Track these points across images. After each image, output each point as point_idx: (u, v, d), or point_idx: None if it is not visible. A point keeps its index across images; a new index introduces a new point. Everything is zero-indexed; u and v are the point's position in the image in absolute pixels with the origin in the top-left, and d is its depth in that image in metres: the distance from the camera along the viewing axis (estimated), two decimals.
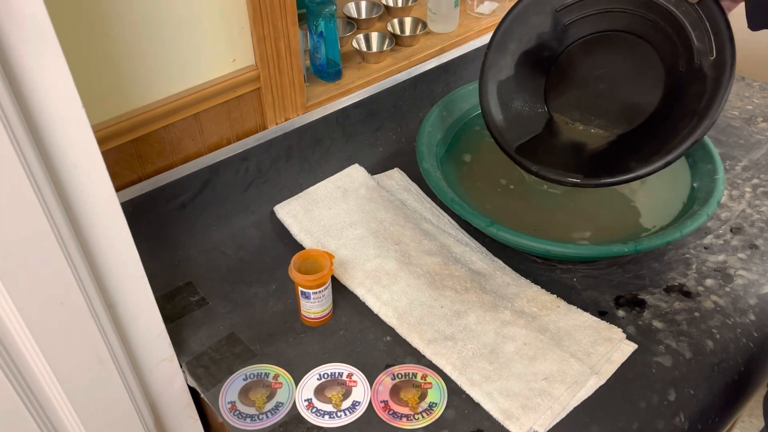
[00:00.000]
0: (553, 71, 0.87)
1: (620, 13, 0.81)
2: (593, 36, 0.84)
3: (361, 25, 1.09)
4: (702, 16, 0.74)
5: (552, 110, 0.88)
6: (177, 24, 0.74)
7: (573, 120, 0.87)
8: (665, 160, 0.75)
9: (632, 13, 0.80)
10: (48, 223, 0.48)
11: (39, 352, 0.53)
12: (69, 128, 0.48)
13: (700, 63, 0.75)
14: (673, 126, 0.77)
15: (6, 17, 0.42)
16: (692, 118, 0.75)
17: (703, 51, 0.75)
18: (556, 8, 0.84)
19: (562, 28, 0.85)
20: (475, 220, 0.77)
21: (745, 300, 0.78)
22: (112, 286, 0.58)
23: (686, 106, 0.76)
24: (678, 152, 0.74)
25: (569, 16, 0.84)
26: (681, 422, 0.66)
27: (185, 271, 0.82)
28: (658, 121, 0.80)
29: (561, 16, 0.84)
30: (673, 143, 0.75)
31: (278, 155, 0.89)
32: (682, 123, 0.76)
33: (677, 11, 0.76)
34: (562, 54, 0.86)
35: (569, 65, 0.86)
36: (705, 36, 0.74)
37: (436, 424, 0.65)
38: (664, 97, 0.80)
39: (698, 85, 0.75)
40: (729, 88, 0.73)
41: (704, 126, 0.73)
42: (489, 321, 0.73)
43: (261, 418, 0.66)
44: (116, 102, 0.75)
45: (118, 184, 0.78)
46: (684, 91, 0.77)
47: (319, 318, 0.74)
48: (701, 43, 0.75)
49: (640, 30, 0.80)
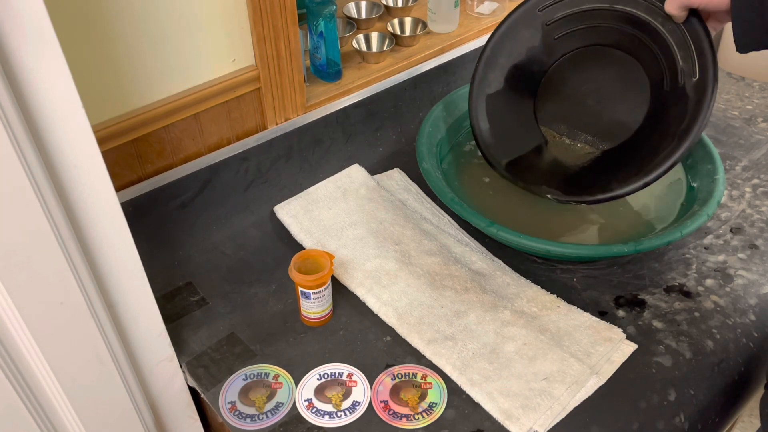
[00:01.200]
0: (542, 85, 0.88)
1: (608, 29, 0.81)
2: (582, 50, 0.84)
3: (361, 25, 1.09)
4: (687, 37, 0.74)
5: (540, 124, 0.88)
6: (177, 24, 0.74)
7: (560, 134, 0.87)
8: (643, 181, 0.75)
9: (620, 29, 0.80)
10: (48, 223, 0.48)
11: (39, 352, 0.53)
12: (69, 128, 0.48)
13: (683, 83, 0.75)
14: (653, 146, 0.77)
15: (6, 17, 0.42)
16: (672, 139, 0.75)
17: (687, 71, 0.75)
18: (546, 22, 0.84)
19: (552, 42, 0.85)
20: (475, 220, 0.77)
21: (745, 300, 0.78)
22: (112, 286, 0.58)
23: (668, 126, 0.77)
24: (656, 174, 0.75)
25: (558, 30, 0.84)
26: (681, 422, 0.66)
27: (185, 271, 0.82)
28: (641, 140, 0.80)
29: (550, 31, 0.85)
30: (652, 164, 0.76)
31: (278, 155, 0.89)
32: (662, 144, 0.76)
33: (663, 29, 0.76)
34: (551, 68, 0.86)
35: (558, 79, 0.87)
36: (689, 56, 0.75)
37: (436, 424, 0.65)
38: (648, 116, 0.80)
39: (680, 106, 0.76)
40: (709, 110, 0.73)
41: (683, 148, 0.74)
42: (489, 321, 0.73)
43: (261, 418, 0.66)
44: (116, 102, 0.75)
45: (118, 184, 0.78)
46: (667, 111, 0.78)
47: (319, 318, 0.74)
48: (685, 64, 0.75)
49: (627, 46, 0.81)
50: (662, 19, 0.76)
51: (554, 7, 0.83)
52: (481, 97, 0.88)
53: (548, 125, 0.88)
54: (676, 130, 0.75)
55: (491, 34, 0.87)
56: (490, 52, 0.87)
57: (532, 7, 0.85)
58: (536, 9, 0.85)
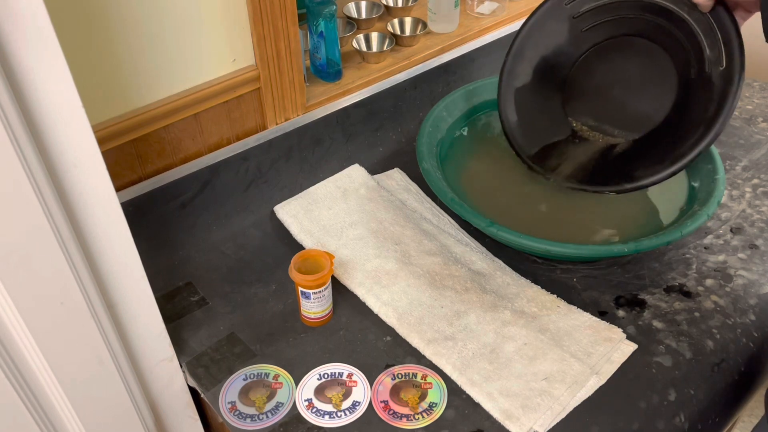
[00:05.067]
0: (569, 77, 0.89)
1: (635, 20, 0.82)
2: (609, 41, 0.85)
3: (361, 25, 1.09)
4: (713, 25, 0.75)
5: (568, 115, 0.89)
6: (177, 24, 0.74)
7: (587, 126, 0.88)
8: (670, 170, 0.77)
9: (646, 19, 0.81)
10: (48, 222, 0.48)
11: (39, 351, 0.53)
12: (69, 128, 0.48)
13: (710, 72, 0.76)
14: (680, 135, 0.78)
15: (6, 17, 0.42)
16: (699, 127, 0.76)
17: (714, 60, 0.75)
18: (573, 15, 0.85)
19: (579, 34, 0.86)
20: (475, 220, 0.77)
21: (745, 300, 0.78)
22: (112, 286, 0.58)
23: (694, 115, 0.77)
24: (683, 162, 0.76)
25: (585, 22, 0.85)
26: (681, 422, 0.66)
27: (185, 271, 0.82)
28: (667, 129, 0.81)
29: (578, 23, 0.85)
30: (679, 153, 0.77)
31: (278, 155, 0.89)
32: (689, 132, 0.77)
33: (690, 18, 0.76)
34: (579, 60, 0.87)
35: (585, 71, 0.88)
36: (716, 45, 0.75)
37: (436, 424, 0.65)
38: (675, 105, 0.80)
39: (707, 94, 0.76)
40: (736, 99, 0.74)
41: (710, 137, 0.75)
42: (489, 321, 0.73)
43: (261, 418, 0.66)
44: (116, 102, 0.75)
45: (118, 184, 0.78)
46: (694, 100, 0.78)
47: (319, 318, 0.74)
48: (712, 52, 0.75)
49: (654, 36, 0.81)
50: (688, 8, 0.76)
51: (581, 0, 0.84)
52: (509, 90, 0.89)
53: (575, 117, 0.89)
54: (702, 117, 0.76)
55: (519, 28, 0.88)
56: (519, 45, 0.88)
57: (559, 0, 0.86)
58: (563, 2, 0.86)
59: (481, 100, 0.98)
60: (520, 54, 0.89)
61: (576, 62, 0.87)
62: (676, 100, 0.80)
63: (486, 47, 1.10)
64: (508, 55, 0.89)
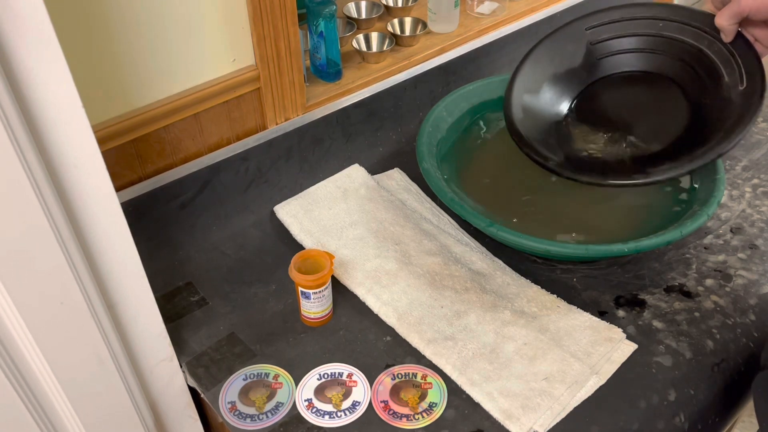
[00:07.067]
0: (579, 98, 0.89)
1: (651, 54, 0.83)
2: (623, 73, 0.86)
3: (361, 25, 1.09)
4: (733, 53, 0.76)
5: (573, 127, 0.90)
6: (177, 24, 0.74)
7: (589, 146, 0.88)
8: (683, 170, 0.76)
9: (664, 54, 0.82)
10: (48, 222, 0.48)
11: (39, 351, 0.53)
12: (69, 128, 0.48)
13: (729, 95, 0.76)
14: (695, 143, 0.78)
15: (6, 17, 0.42)
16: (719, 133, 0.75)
17: (732, 84, 0.76)
18: (592, 41, 0.86)
19: (594, 61, 0.87)
20: (475, 220, 0.77)
21: (745, 300, 0.78)
22: (112, 286, 0.58)
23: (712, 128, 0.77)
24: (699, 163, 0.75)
25: (602, 51, 0.86)
26: (681, 422, 0.66)
27: (185, 271, 0.82)
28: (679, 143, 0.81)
29: (594, 50, 0.86)
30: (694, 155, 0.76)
31: (278, 155, 0.89)
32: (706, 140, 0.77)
33: (709, 52, 0.77)
34: (590, 86, 0.88)
35: (595, 96, 0.88)
36: (735, 70, 0.75)
37: (436, 424, 0.65)
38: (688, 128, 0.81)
39: (725, 111, 0.76)
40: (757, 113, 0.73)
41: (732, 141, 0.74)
42: (489, 321, 0.73)
43: (261, 418, 0.66)
44: (116, 102, 0.75)
45: (118, 184, 0.78)
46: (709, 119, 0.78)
47: (319, 318, 0.74)
48: (731, 78, 0.76)
49: (670, 71, 0.82)
50: (708, 42, 0.77)
51: (602, 29, 0.85)
52: (519, 91, 0.90)
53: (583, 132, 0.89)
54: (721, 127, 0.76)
55: (541, 39, 0.89)
56: (536, 55, 0.89)
57: (580, 24, 0.87)
58: (584, 27, 0.87)
59: (481, 100, 0.98)
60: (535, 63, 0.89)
61: (586, 88, 0.89)
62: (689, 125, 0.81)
63: (486, 47, 1.10)
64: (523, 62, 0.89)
